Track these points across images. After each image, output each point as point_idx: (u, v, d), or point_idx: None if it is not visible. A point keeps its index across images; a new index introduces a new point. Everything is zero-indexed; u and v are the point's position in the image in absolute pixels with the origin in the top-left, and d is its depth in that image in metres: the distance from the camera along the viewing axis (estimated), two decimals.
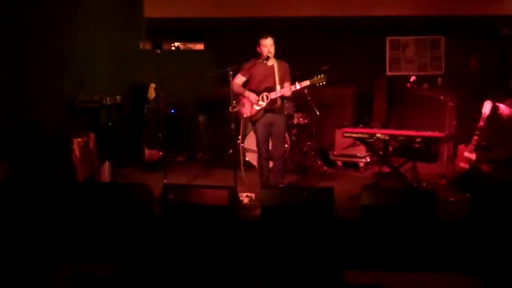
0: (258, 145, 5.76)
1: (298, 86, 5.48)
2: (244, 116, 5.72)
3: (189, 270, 4.02)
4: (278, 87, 5.55)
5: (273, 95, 5.55)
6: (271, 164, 5.91)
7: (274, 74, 5.57)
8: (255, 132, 5.80)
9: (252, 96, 5.58)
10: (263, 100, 5.56)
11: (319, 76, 5.48)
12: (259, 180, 5.81)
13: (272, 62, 5.60)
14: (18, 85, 5.94)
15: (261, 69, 5.62)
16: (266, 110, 5.59)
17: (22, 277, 3.72)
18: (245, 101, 5.67)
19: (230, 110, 5.64)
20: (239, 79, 5.69)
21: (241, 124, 6.64)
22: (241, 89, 5.68)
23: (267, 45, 5.50)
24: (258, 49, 5.59)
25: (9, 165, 4.98)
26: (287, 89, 5.50)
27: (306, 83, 5.48)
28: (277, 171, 5.75)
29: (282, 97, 5.61)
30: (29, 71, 6.13)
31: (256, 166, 6.08)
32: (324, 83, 5.48)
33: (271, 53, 5.53)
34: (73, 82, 6.86)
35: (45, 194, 4.72)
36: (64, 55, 6.81)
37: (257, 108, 5.59)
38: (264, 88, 5.59)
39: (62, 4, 6.79)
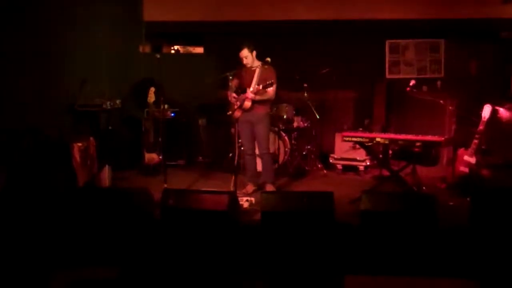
0: (241, 142, 6.12)
1: (254, 90, 5.74)
2: (233, 117, 5.98)
3: (189, 275, 4.03)
4: (250, 89, 5.81)
5: (241, 97, 5.88)
6: (259, 166, 6.23)
7: (253, 78, 5.84)
8: (237, 130, 6.10)
9: (230, 96, 5.96)
10: (238, 101, 5.90)
11: (269, 82, 5.63)
12: (245, 176, 6.15)
13: (256, 66, 5.89)
14: (17, 90, 5.95)
15: (245, 73, 5.95)
16: (240, 109, 5.88)
17: (24, 283, 3.73)
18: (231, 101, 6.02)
19: (228, 114, 5.97)
20: (235, 82, 6.01)
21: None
22: (228, 90, 6.00)
23: (242, 57, 5.86)
24: None
25: (9, 170, 4.98)
26: (248, 93, 5.78)
27: (258, 87, 5.71)
28: (265, 167, 6.13)
29: (253, 100, 5.84)
30: (29, 75, 6.15)
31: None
32: (272, 82, 5.60)
33: (247, 63, 5.87)
34: (73, 86, 6.87)
35: (46, 199, 4.73)
36: (64, 59, 6.82)
37: (235, 107, 5.93)
38: (242, 90, 5.94)
39: (62, 8, 6.80)
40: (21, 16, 6.03)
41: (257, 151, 6.22)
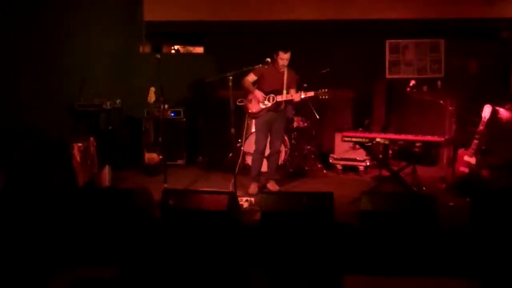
0: (256, 141, 6.22)
1: (303, 95, 5.94)
2: (249, 111, 6.15)
3: (189, 275, 4.03)
4: (284, 91, 5.99)
5: (279, 98, 6.01)
6: (264, 167, 6.32)
7: (283, 80, 6.01)
8: (255, 126, 6.29)
9: (259, 94, 6.02)
10: (268, 101, 6.02)
11: (323, 90, 5.87)
12: (250, 175, 6.23)
13: (283, 69, 6.03)
14: (17, 90, 5.95)
15: (272, 73, 6.03)
16: (269, 109, 6.03)
17: (25, 283, 3.73)
18: (252, 98, 6.09)
19: (237, 103, 6.09)
20: (251, 77, 6.07)
21: (244, 127, 6.72)
22: (251, 87, 6.08)
23: (284, 58, 5.93)
24: (275, 57, 5.94)
25: (9, 170, 4.98)
26: (296, 96, 5.95)
27: (311, 93, 5.92)
28: (271, 167, 6.30)
29: (286, 102, 6.06)
30: (29, 75, 6.15)
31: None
32: (326, 97, 5.89)
33: (284, 66, 5.98)
34: (73, 86, 6.87)
35: (46, 200, 4.73)
36: (63, 59, 6.81)
37: (262, 106, 6.04)
38: (271, 90, 6.02)
39: (62, 8, 6.80)
40: (21, 15, 6.03)
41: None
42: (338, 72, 7.53)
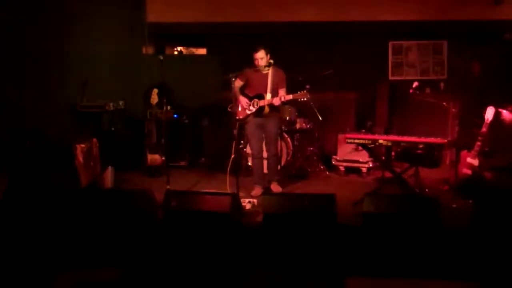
0: (250, 146, 6.25)
1: (283, 98, 5.78)
2: (236, 117, 6.04)
3: (191, 277, 4.03)
4: (268, 95, 5.85)
5: (261, 103, 5.88)
6: (265, 168, 6.30)
7: (267, 82, 5.86)
8: (247, 132, 6.18)
9: (243, 101, 5.98)
10: (253, 106, 5.93)
11: (301, 92, 5.73)
12: (253, 179, 6.19)
13: (267, 70, 5.88)
14: (20, 91, 5.96)
15: (256, 76, 5.93)
16: (254, 115, 5.95)
17: (27, 284, 3.73)
18: (238, 104, 6.03)
19: (229, 109, 6.04)
20: (238, 82, 6.00)
21: (244, 129, 6.72)
22: (237, 93, 6.00)
23: (257, 58, 5.81)
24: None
25: (12, 171, 4.99)
26: (275, 100, 5.80)
27: (289, 97, 5.77)
28: (271, 169, 6.22)
29: (271, 105, 5.88)
30: (31, 76, 6.15)
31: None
32: (305, 99, 5.70)
33: (260, 65, 5.83)
34: (76, 87, 6.88)
35: (48, 200, 4.73)
36: (66, 60, 6.82)
37: (248, 112, 5.97)
38: (255, 94, 5.93)
39: (65, 9, 6.81)
40: (23, 17, 6.04)
41: (264, 154, 6.26)
42: (341, 74, 7.54)
